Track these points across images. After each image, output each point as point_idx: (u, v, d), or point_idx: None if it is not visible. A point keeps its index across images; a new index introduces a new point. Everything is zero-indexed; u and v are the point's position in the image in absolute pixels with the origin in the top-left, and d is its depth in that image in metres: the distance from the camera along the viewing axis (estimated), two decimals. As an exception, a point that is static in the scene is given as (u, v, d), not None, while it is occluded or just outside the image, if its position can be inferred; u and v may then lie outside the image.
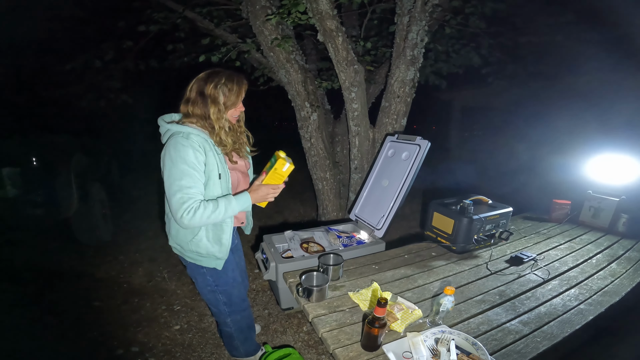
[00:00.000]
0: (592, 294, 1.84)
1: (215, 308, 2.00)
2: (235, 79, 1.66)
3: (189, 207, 1.51)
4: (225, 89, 1.64)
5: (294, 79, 3.42)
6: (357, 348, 1.40)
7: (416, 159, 2.46)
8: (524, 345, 1.43)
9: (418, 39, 3.09)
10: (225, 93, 1.64)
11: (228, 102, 1.66)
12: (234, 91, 1.65)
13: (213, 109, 1.63)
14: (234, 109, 1.70)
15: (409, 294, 1.84)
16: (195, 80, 1.66)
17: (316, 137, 3.65)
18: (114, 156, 5.04)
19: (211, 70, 1.66)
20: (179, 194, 1.51)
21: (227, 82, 1.63)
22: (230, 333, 2.10)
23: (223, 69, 1.69)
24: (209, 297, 1.95)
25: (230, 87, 1.64)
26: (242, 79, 1.69)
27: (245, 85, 1.70)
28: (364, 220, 2.77)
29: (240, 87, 1.67)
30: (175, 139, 1.54)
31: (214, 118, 1.64)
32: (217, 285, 1.89)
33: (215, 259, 1.80)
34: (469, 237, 2.24)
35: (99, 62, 4.31)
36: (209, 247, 1.74)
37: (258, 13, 3.15)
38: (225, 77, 1.63)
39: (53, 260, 3.64)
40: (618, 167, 2.74)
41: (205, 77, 1.64)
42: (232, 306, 1.98)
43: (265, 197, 1.75)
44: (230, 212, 1.64)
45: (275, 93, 5.12)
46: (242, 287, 2.05)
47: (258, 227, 4.64)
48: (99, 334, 2.59)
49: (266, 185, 1.75)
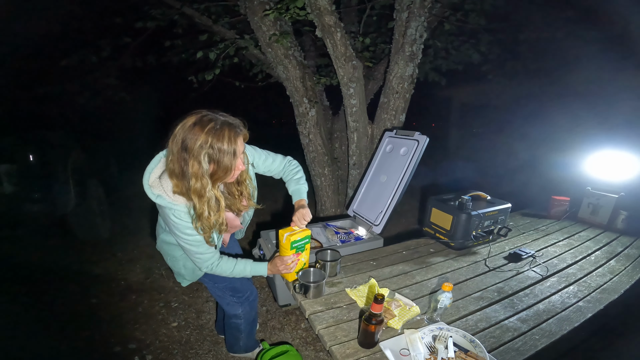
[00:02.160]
0: (591, 291, 1.83)
1: (223, 300, 2.01)
2: (227, 135, 1.26)
3: (208, 265, 1.60)
4: (213, 154, 1.26)
5: (293, 75, 3.41)
6: (354, 345, 1.39)
7: (414, 154, 2.45)
8: (522, 342, 1.42)
9: (417, 35, 3.07)
10: (214, 159, 1.28)
11: (219, 171, 1.33)
12: (225, 153, 1.28)
13: (194, 183, 1.29)
14: (228, 175, 1.38)
15: (406, 290, 1.83)
16: (176, 130, 1.28)
17: (314, 133, 3.64)
18: (111, 153, 5.01)
19: (195, 119, 1.26)
20: (194, 256, 1.57)
21: (214, 144, 1.25)
22: (239, 325, 2.10)
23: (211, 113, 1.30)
24: (213, 291, 1.98)
25: (220, 149, 1.26)
26: (235, 130, 1.30)
27: (243, 135, 1.35)
28: (362, 216, 2.76)
29: (233, 145, 1.29)
30: (167, 214, 1.41)
31: (194, 197, 1.33)
32: (215, 282, 1.90)
33: (182, 278, 1.85)
34: (468, 234, 2.23)
35: (95, 58, 4.29)
36: (181, 270, 1.81)
37: (256, 9, 3.13)
38: (212, 135, 1.24)
39: (50, 257, 3.63)
40: (617, 164, 2.73)
41: (188, 130, 1.25)
42: (242, 296, 2.00)
43: (278, 271, 1.74)
44: (242, 274, 1.71)
45: (273, 89, 5.10)
46: (244, 278, 2.02)
47: (255, 223, 4.63)
48: (96, 331, 2.58)
49: (280, 258, 1.73)
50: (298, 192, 1.86)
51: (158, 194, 1.37)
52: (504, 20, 4.32)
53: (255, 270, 1.72)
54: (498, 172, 6.94)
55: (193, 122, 1.26)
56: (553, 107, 7.53)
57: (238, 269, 1.67)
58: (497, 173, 6.89)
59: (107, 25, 4.45)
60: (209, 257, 1.58)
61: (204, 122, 1.25)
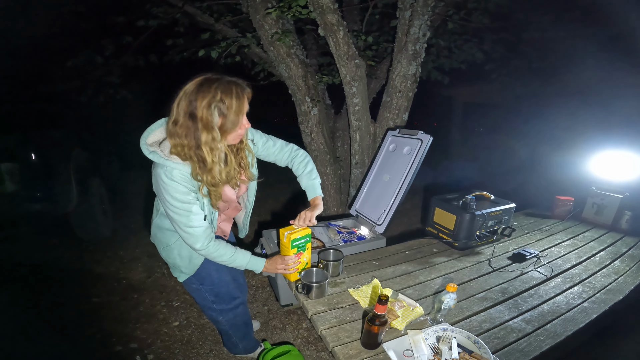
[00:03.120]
0: (596, 292, 1.81)
1: (203, 306, 1.96)
2: (234, 90, 1.32)
3: (203, 242, 1.50)
4: (222, 107, 1.31)
5: (295, 73, 3.39)
6: (357, 346, 1.38)
7: (418, 153, 2.43)
8: (527, 343, 1.41)
9: (420, 34, 3.05)
10: (223, 112, 1.32)
11: (227, 124, 1.35)
12: (234, 108, 1.32)
13: (206, 136, 1.31)
14: (236, 131, 1.41)
15: (410, 290, 1.82)
16: (182, 93, 1.32)
17: (317, 132, 3.63)
18: (113, 151, 5.01)
19: (202, 79, 1.32)
20: (184, 229, 1.47)
21: (223, 98, 1.29)
22: (226, 331, 2.08)
23: (217, 74, 1.36)
24: (195, 295, 1.91)
25: (228, 104, 1.31)
26: (242, 87, 1.36)
27: (247, 94, 1.39)
28: (364, 215, 2.74)
29: (241, 101, 1.35)
30: (159, 173, 1.37)
31: (205, 150, 1.33)
32: (202, 284, 1.83)
33: (179, 271, 1.78)
34: (471, 234, 2.21)
35: (100, 58, 4.28)
36: (176, 260, 1.73)
37: (258, 7, 3.11)
38: (220, 90, 1.29)
39: (52, 256, 3.63)
40: (622, 164, 2.71)
41: (195, 89, 1.30)
42: (222, 304, 1.93)
43: (275, 269, 1.72)
44: (237, 264, 1.64)
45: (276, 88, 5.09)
46: (232, 286, 1.96)
47: (257, 222, 4.62)
48: (97, 330, 2.58)
49: (281, 257, 1.72)
50: (312, 188, 1.82)
51: (153, 150, 1.37)
52: (507, 19, 4.30)
53: (253, 265, 1.67)
54: (501, 172, 6.92)
55: (200, 82, 1.31)
56: (557, 106, 7.51)
57: (237, 258, 1.61)
58: (500, 173, 6.87)
59: (108, 24, 4.44)
60: (201, 232, 1.48)
61: (211, 80, 1.31)
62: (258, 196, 1.95)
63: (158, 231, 1.74)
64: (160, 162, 1.36)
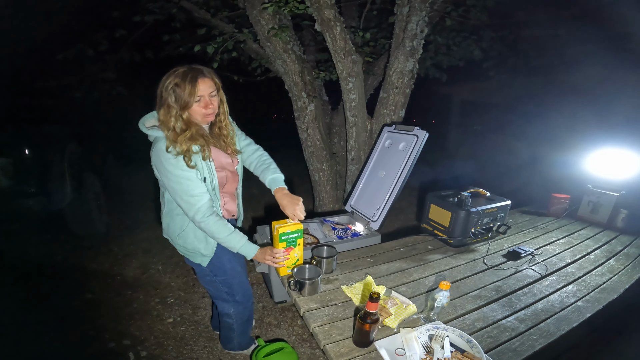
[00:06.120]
0: (590, 291, 1.80)
1: (217, 299, 2.01)
2: (189, 76, 1.53)
3: (203, 212, 1.58)
4: (177, 90, 1.53)
5: (291, 69, 3.37)
6: (349, 344, 1.37)
7: (414, 149, 2.41)
8: (519, 343, 1.40)
9: (418, 30, 3.03)
10: (176, 94, 1.54)
11: (180, 102, 1.55)
12: (186, 90, 1.52)
13: (163, 111, 1.56)
14: (195, 106, 1.59)
15: (403, 288, 1.81)
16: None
17: (313, 128, 3.61)
18: (108, 147, 4.97)
19: (174, 69, 1.57)
20: (185, 198, 1.58)
21: (179, 82, 1.52)
22: (231, 324, 2.08)
23: (189, 65, 1.59)
24: (209, 287, 1.97)
25: (182, 87, 1.52)
26: (196, 74, 1.56)
27: (201, 80, 1.56)
28: (359, 211, 2.73)
29: (193, 85, 1.53)
30: (159, 147, 1.55)
31: (163, 120, 1.57)
32: (216, 275, 1.87)
33: (200, 255, 1.79)
34: (466, 231, 2.20)
35: (92, 52, 4.25)
36: (194, 243, 1.76)
37: (255, 2, 3.09)
38: (179, 76, 1.53)
39: (45, 251, 3.61)
40: (618, 162, 2.71)
41: (165, 76, 1.56)
42: (235, 296, 1.96)
43: (264, 259, 1.74)
44: (231, 245, 1.68)
45: (272, 84, 5.07)
46: (243, 277, 2.02)
47: (251, 218, 4.60)
48: (90, 326, 2.56)
49: (271, 248, 1.74)
50: (278, 180, 1.87)
51: (152, 125, 1.62)
52: (506, 16, 4.27)
53: (246, 249, 1.70)
54: (498, 170, 6.90)
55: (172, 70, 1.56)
56: (554, 105, 7.51)
57: (233, 239, 1.65)
58: (497, 170, 6.85)
59: (104, 19, 4.40)
60: (202, 202, 1.58)
61: (177, 69, 1.55)
62: (254, 193, 1.94)
63: (170, 220, 1.78)
64: (158, 135, 1.57)
